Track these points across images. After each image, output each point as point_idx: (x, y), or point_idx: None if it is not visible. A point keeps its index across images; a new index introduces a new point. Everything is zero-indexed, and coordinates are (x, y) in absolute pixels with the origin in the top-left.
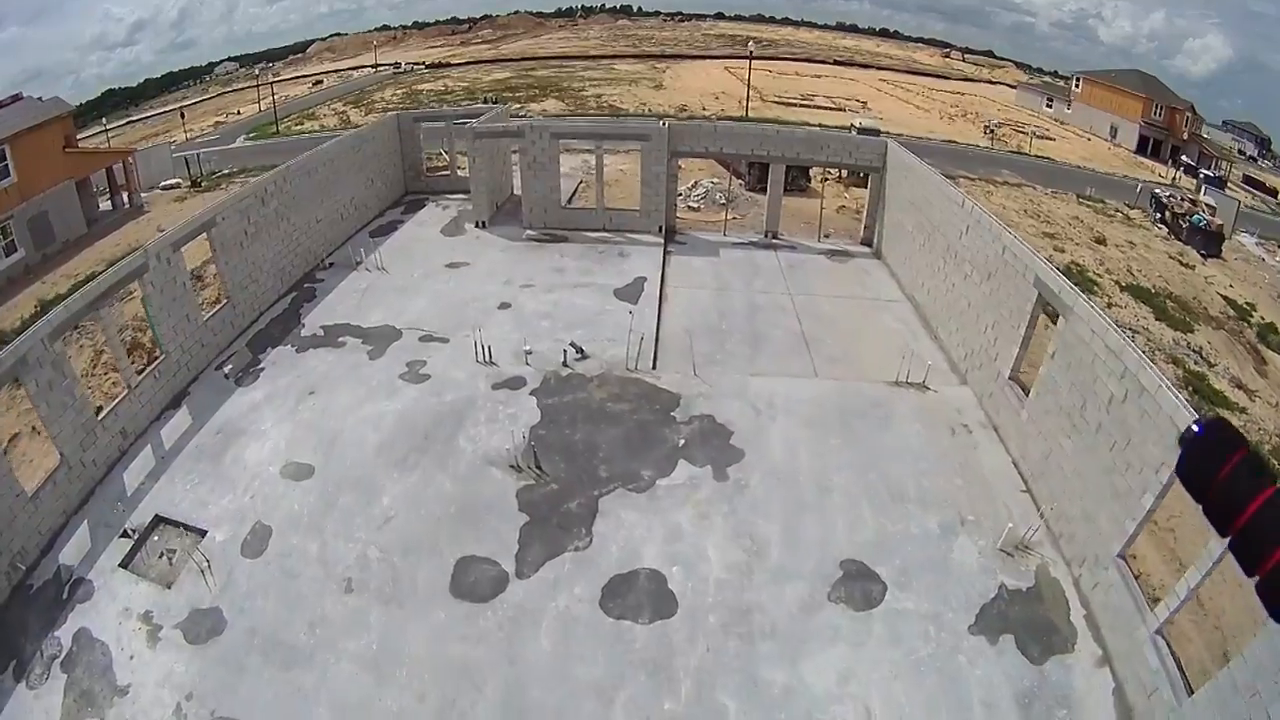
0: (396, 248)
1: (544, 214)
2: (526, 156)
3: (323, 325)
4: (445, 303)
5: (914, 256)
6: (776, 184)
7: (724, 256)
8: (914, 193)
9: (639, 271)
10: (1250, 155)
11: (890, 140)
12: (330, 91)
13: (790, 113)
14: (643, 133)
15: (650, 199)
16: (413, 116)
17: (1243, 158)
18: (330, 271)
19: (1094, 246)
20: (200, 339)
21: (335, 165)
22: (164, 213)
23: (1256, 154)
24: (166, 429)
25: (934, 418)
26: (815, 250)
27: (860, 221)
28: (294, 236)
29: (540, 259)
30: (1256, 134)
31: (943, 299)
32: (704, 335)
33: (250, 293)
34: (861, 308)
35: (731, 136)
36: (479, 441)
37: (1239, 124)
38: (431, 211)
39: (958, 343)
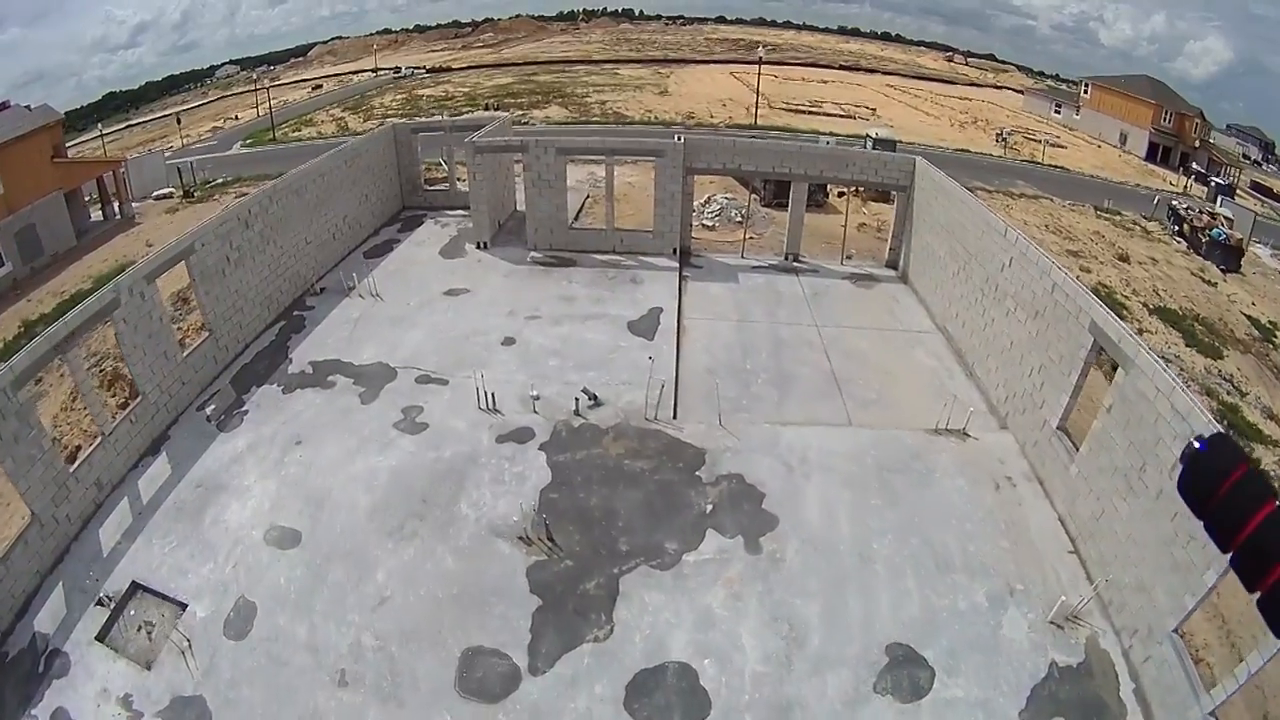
0: (392, 271)
1: (550, 235)
2: (531, 173)
3: (312, 361)
4: (444, 337)
5: (947, 285)
6: (799, 203)
7: (744, 282)
8: (947, 216)
9: (654, 300)
10: (1255, 160)
11: (919, 158)
12: (329, 97)
13: (800, 120)
14: (657, 149)
15: (664, 219)
16: (410, 127)
17: (1247, 162)
18: (321, 298)
19: (1118, 265)
20: (180, 377)
21: (326, 182)
22: (155, 225)
23: (1261, 158)
24: (144, 479)
25: (976, 470)
26: (838, 274)
27: (882, 240)
28: (281, 261)
29: (547, 286)
30: (1261, 138)
31: (980, 334)
32: (727, 376)
33: (234, 324)
34: (892, 342)
35: (751, 153)
36: (483, 507)
37: (1243, 128)
38: (430, 230)
39: (997, 382)
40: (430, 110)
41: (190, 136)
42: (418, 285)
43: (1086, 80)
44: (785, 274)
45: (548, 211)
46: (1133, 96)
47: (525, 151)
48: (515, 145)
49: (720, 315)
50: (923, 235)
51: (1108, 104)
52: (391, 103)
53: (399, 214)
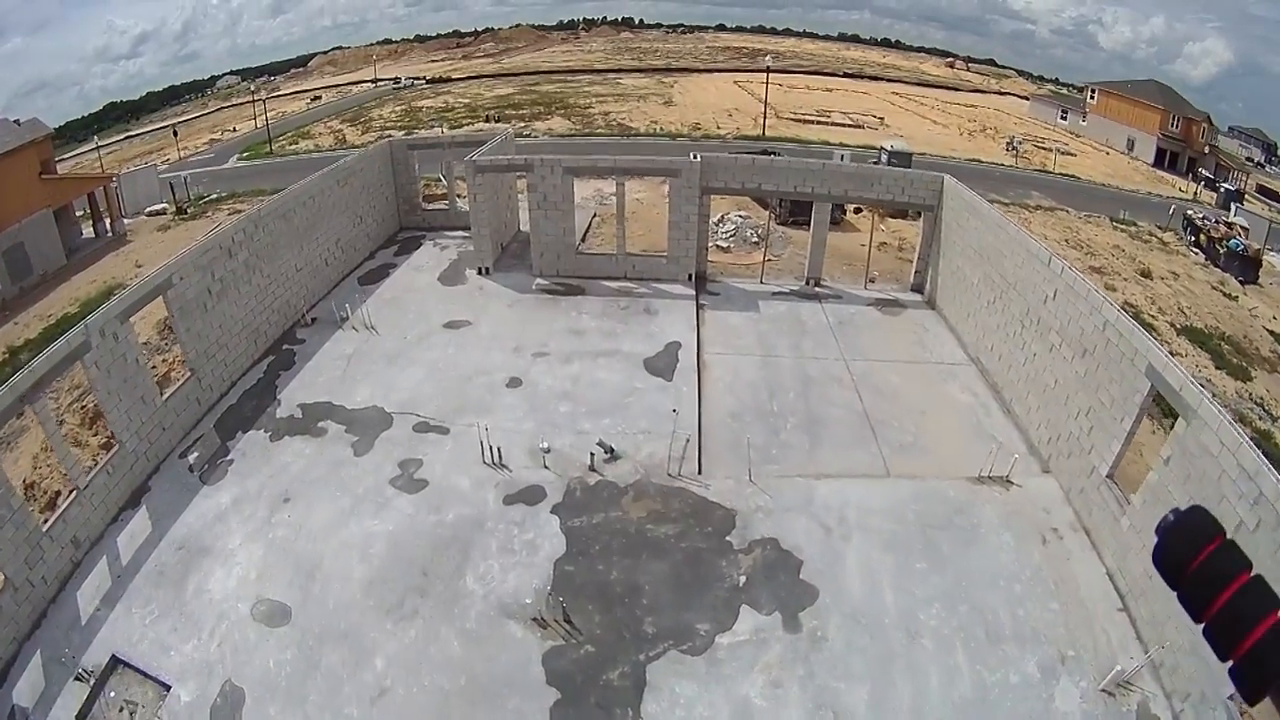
0: (388, 300)
1: (556, 260)
2: (535, 194)
3: (301, 404)
4: (444, 377)
5: (980, 314)
6: (821, 225)
7: (765, 311)
8: (981, 240)
9: (671, 333)
10: (1258, 162)
11: (947, 176)
12: (328, 108)
13: (808, 130)
14: (671, 168)
15: (679, 243)
16: (406, 144)
17: (1250, 164)
18: (313, 330)
19: (1141, 281)
20: (160, 422)
21: (317, 204)
22: (145, 243)
23: (1264, 160)
24: (124, 537)
25: (1022, 522)
26: (863, 300)
27: (905, 261)
28: (269, 290)
29: (554, 317)
30: (1263, 140)
31: (1020, 369)
32: (754, 420)
33: (218, 361)
34: (925, 375)
35: (771, 172)
36: (491, 582)
37: (1245, 130)
38: (428, 253)
39: (1039, 422)
40: (429, 122)
41: (187, 149)
42: (416, 316)
43: (1092, 86)
44: (808, 301)
45: (554, 235)
46: (1140, 102)
47: (530, 171)
48: (519, 164)
49: (742, 349)
50: (952, 259)
51: (1114, 110)
52: (390, 114)
53: (396, 235)
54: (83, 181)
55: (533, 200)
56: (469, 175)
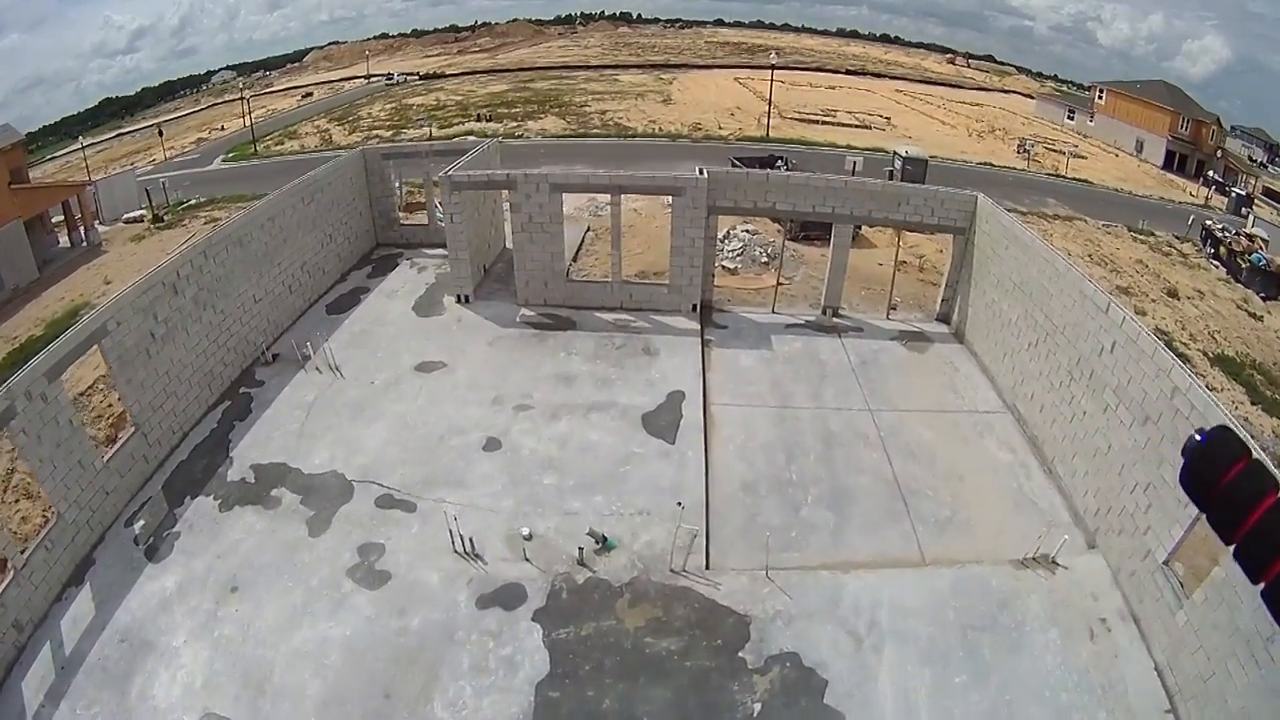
0: (357, 333)
1: (544, 288)
2: (520, 215)
3: (254, 464)
4: (412, 436)
5: (1019, 356)
6: (841, 250)
7: (778, 348)
8: (1022, 273)
9: (673, 380)
10: (1261, 162)
11: (980, 196)
12: (317, 106)
13: (813, 131)
14: (674, 185)
15: (683, 271)
16: (382, 153)
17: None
18: (273, 369)
19: (1169, 301)
20: (102, 486)
21: (278, 226)
22: (118, 255)
23: (1266, 160)
24: (68, 620)
25: (1069, 613)
26: (885, 332)
27: (927, 283)
28: (224, 327)
29: (540, 358)
30: (1266, 140)
31: (1065, 425)
32: (771, 493)
33: (166, 412)
34: (958, 428)
35: (786, 189)
36: (463, 710)
37: (1247, 130)
38: (404, 275)
39: (1085, 489)
40: (418, 121)
41: (174, 149)
42: (385, 355)
43: (1100, 85)
44: (825, 335)
45: (541, 261)
46: (1149, 103)
47: (513, 188)
48: (500, 180)
49: (755, 398)
50: (986, 290)
51: (1123, 110)
52: (380, 112)
53: (371, 253)
54: (55, 190)
55: (516, 221)
56: (444, 192)
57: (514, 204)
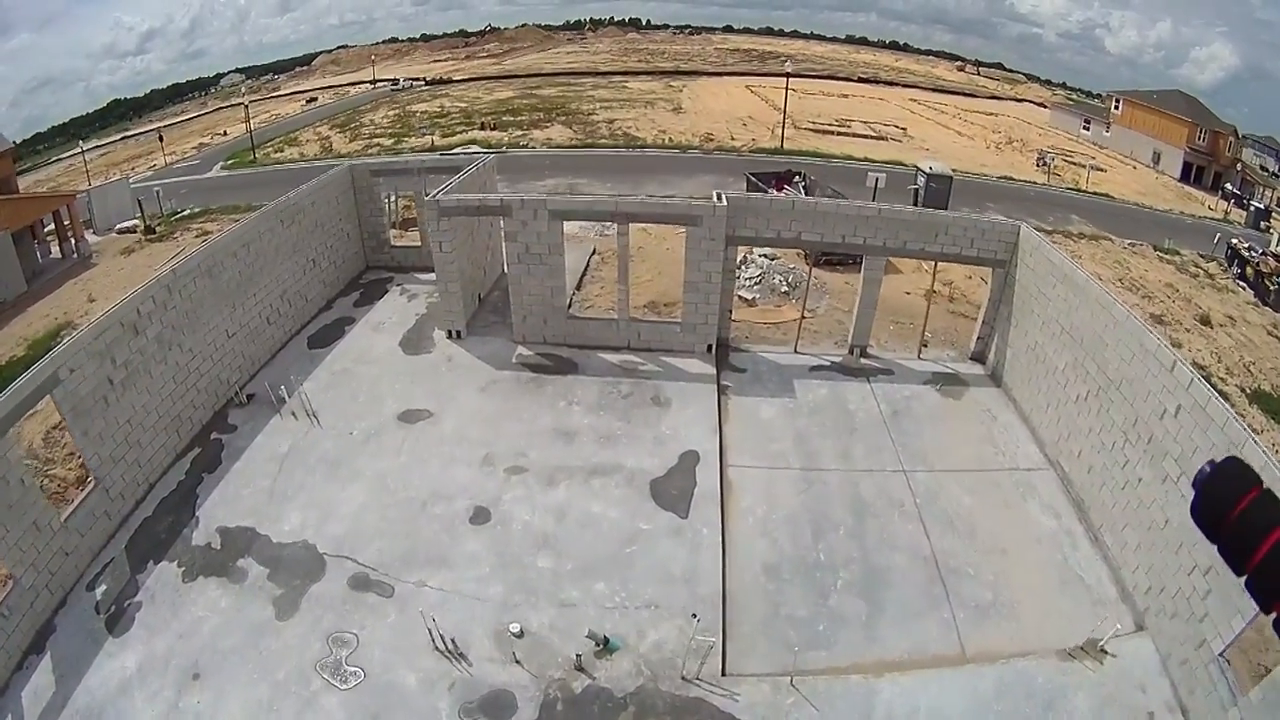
0: (337, 372)
1: (543, 325)
2: (516, 244)
3: (221, 527)
4: (392, 501)
5: (1065, 408)
6: (872, 285)
7: (802, 395)
8: (1072, 317)
9: (686, 437)
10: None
11: (1024, 226)
12: (321, 111)
13: (829, 143)
14: (688, 214)
15: (697, 309)
16: (370, 169)
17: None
18: (246, 412)
19: (1202, 330)
20: (62, 547)
21: (254, 253)
22: (106, 269)
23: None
24: (28, 692)
25: (1117, 712)
26: (917, 374)
27: (958, 315)
28: (192, 367)
29: (537, 409)
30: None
31: (1116, 491)
32: (795, 577)
33: (129, 464)
34: (1000, 491)
35: (814, 217)
36: None
37: (1258, 138)
38: (393, 303)
39: (1136, 564)
40: (421, 129)
41: (174, 154)
42: (367, 400)
43: (1116, 95)
44: (853, 378)
45: (539, 295)
46: (1167, 113)
47: (507, 215)
48: (493, 206)
49: (778, 458)
50: (1028, 330)
51: (1140, 121)
52: (383, 120)
53: (360, 277)
54: (44, 201)
55: (512, 251)
56: (431, 219)
57: (509, 232)
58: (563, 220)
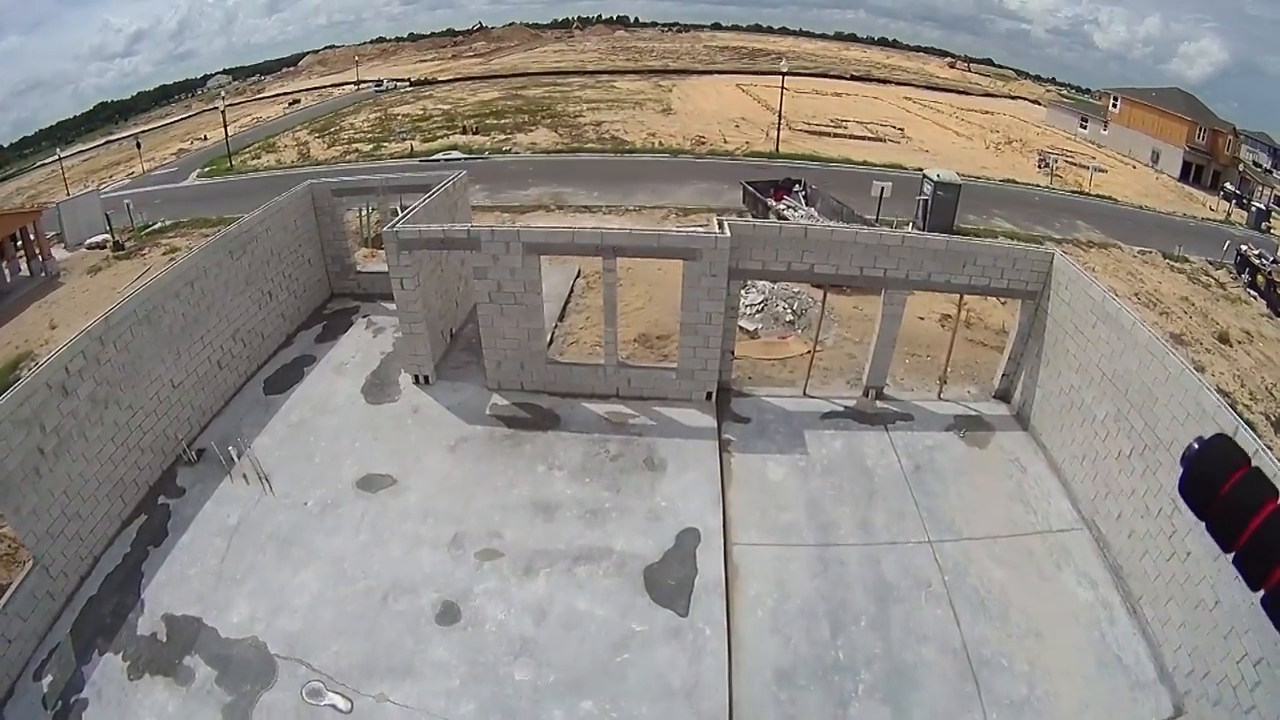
0: (293, 425)
1: (519, 371)
2: (487, 281)
3: (167, 613)
4: (350, 592)
5: (1104, 463)
6: (892, 320)
7: (815, 450)
8: (1115, 362)
9: (684, 508)
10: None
11: (1057, 253)
12: (303, 114)
13: (825, 145)
14: (685, 247)
15: (696, 353)
16: (331, 189)
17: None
18: (195, 473)
19: (1222, 350)
20: (3, 634)
21: (201, 290)
22: (71, 290)
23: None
24: None
25: None
26: (938, 419)
27: (978, 344)
28: (133, 425)
29: (513, 473)
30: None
31: (1160, 562)
32: (811, 683)
33: (70, 538)
34: (1032, 557)
35: (829, 247)
36: None
37: (1251, 134)
38: (357, 338)
39: (1179, 643)
40: (401, 133)
41: (153, 160)
42: (324, 461)
43: (1113, 93)
44: (870, 426)
45: (515, 339)
46: (1166, 112)
47: (475, 248)
48: (459, 238)
49: (789, 531)
50: (1061, 370)
51: (1139, 119)
52: (363, 123)
53: (325, 306)
54: (7, 219)
55: (482, 289)
56: (390, 252)
57: (478, 268)
58: (539, 255)
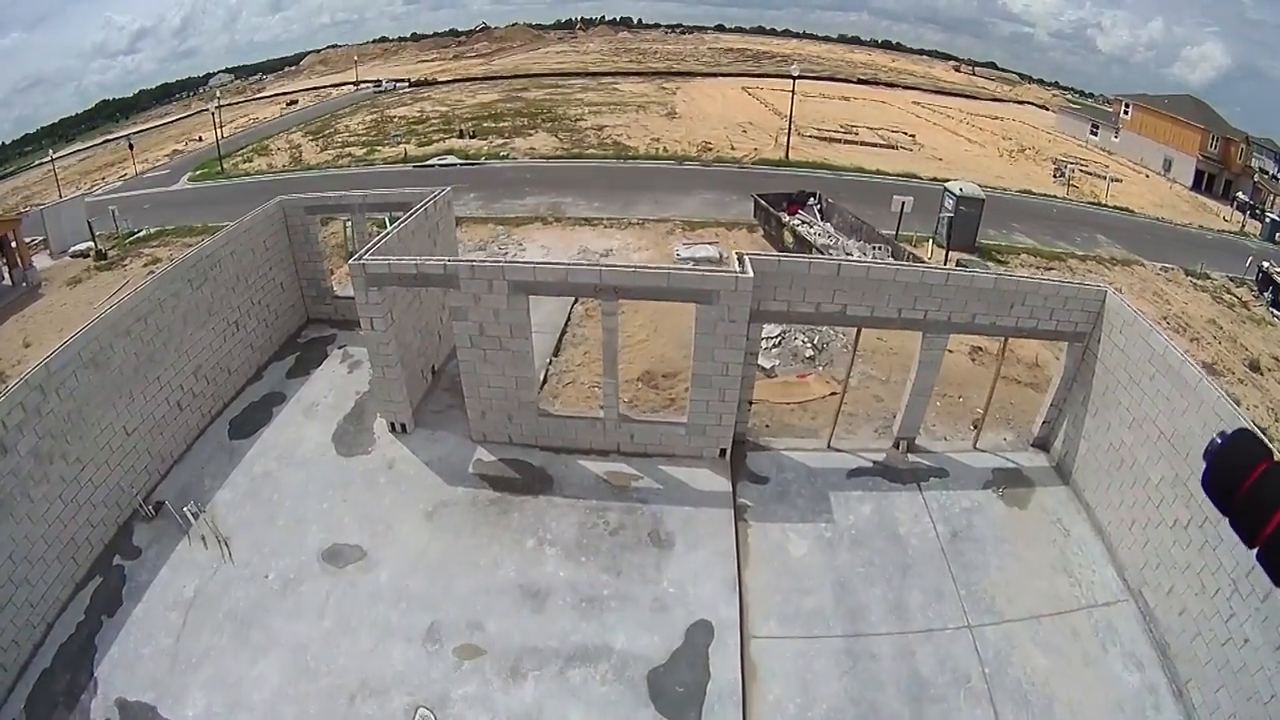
0: (257, 478)
1: (506, 423)
2: (467, 323)
3: (120, 698)
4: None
5: (1156, 531)
6: (930, 368)
7: (841, 518)
8: (1175, 421)
9: (695, 597)
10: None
11: (1109, 291)
12: (303, 114)
13: (836, 153)
14: (699, 289)
15: (708, 407)
16: (304, 205)
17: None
18: (153, 530)
19: (1253, 379)
20: None
21: (156, 325)
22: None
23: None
24: None
25: None
26: (974, 473)
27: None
28: (83, 479)
29: (499, 549)
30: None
31: (1214, 645)
32: None
33: (19, 606)
34: (1078, 639)
35: (863, 287)
36: None
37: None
38: (331, 374)
39: None
40: (396, 136)
41: (147, 162)
42: (287, 524)
43: (1125, 99)
44: (901, 486)
45: (501, 388)
46: (1179, 120)
47: (453, 286)
48: (434, 274)
49: (814, 620)
50: (1110, 423)
51: (1150, 127)
52: (358, 126)
53: (299, 333)
54: None
55: (462, 332)
56: (357, 287)
57: (458, 309)
58: (527, 295)
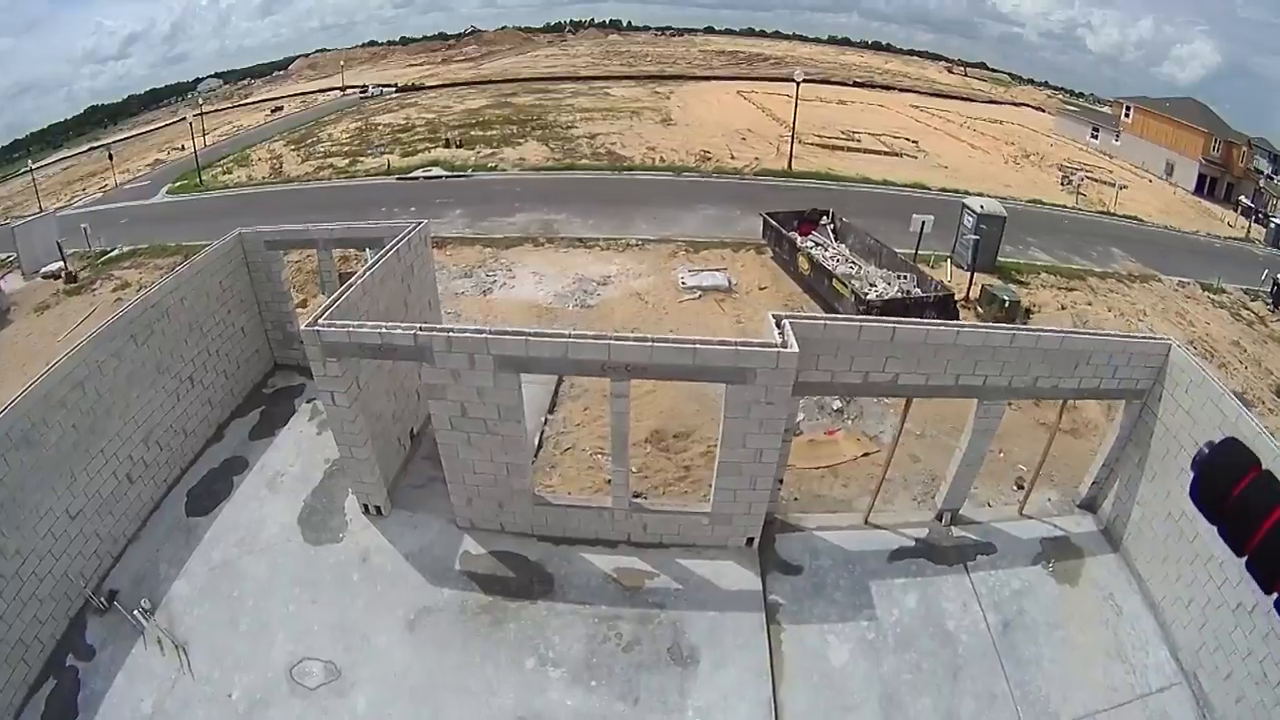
0: (217, 567)
1: (497, 511)
2: (446, 403)
3: None
4: None
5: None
6: (983, 436)
7: (884, 613)
8: None
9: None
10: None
11: (1174, 346)
12: (287, 122)
13: (839, 161)
14: (734, 367)
15: (736, 495)
16: (264, 240)
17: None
18: (106, 626)
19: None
20: None
21: (96, 390)
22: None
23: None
24: None
25: None
26: (1022, 545)
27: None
28: (24, 574)
29: (492, 670)
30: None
31: None
32: None
33: None
34: None
35: (919, 352)
36: None
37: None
38: (298, 435)
39: None
40: (379, 146)
41: (127, 173)
42: (250, 629)
43: (1126, 102)
44: (947, 567)
45: (489, 474)
46: (1181, 123)
47: (427, 361)
48: (403, 345)
49: None
50: (1169, 489)
51: (1152, 130)
52: (342, 134)
53: (265, 382)
54: None
55: (440, 413)
56: (313, 357)
57: (434, 385)
58: (518, 371)
